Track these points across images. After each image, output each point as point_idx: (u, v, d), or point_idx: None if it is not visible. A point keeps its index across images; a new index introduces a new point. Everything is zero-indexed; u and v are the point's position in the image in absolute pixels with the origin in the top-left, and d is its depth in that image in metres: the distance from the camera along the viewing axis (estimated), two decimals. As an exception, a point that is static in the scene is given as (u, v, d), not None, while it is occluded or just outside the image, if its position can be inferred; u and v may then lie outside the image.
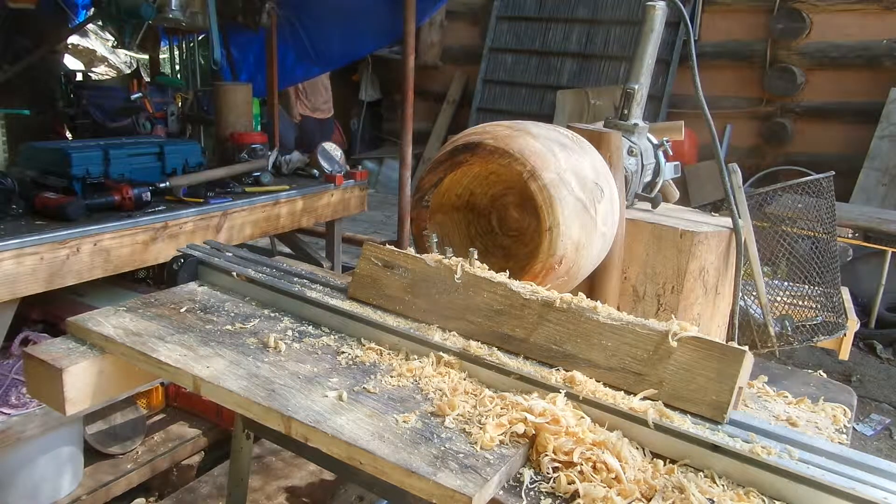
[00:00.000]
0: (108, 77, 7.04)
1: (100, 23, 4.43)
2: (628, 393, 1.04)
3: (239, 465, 1.61)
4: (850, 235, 4.04)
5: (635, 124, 1.73)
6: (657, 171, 1.79)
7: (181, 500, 2.51)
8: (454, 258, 1.27)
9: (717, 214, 1.87)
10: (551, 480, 0.90)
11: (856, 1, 5.95)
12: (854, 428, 2.23)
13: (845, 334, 2.90)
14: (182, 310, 1.34)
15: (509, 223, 1.52)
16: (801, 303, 2.86)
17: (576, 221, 1.27)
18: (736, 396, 0.99)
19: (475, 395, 1.06)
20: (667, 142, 1.80)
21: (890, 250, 4.24)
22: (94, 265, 2.25)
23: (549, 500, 0.88)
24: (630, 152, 1.68)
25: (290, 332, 1.27)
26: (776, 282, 2.86)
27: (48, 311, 2.58)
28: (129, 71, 7.29)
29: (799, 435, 0.99)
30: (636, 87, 1.73)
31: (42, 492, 2.25)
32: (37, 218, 2.24)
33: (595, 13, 7.03)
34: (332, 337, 1.26)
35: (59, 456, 2.28)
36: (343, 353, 1.20)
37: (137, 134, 3.28)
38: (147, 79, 4.13)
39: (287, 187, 3.07)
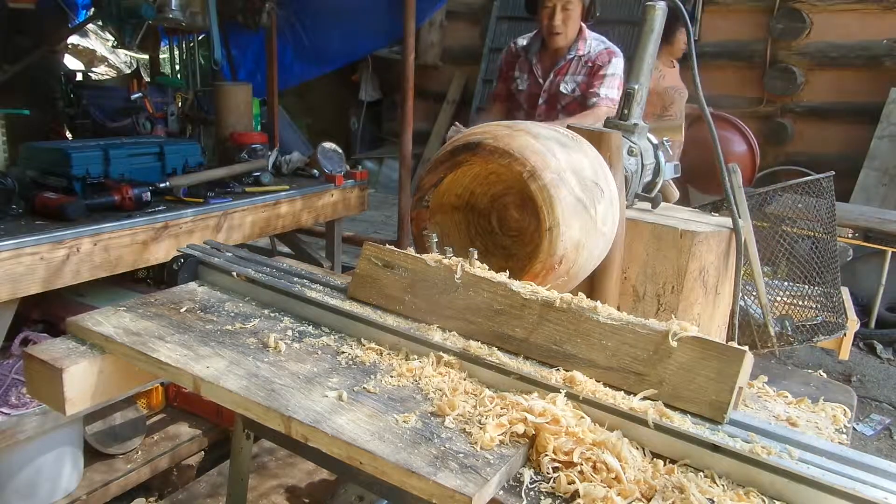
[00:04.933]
0: (108, 77, 7.03)
1: (100, 23, 4.43)
2: (628, 393, 1.04)
3: (239, 465, 1.61)
4: (850, 235, 4.04)
5: (635, 124, 1.73)
6: (657, 171, 1.78)
7: (181, 500, 2.51)
8: (454, 258, 1.27)
9: (717, 214, 1.87)
10: (551, 480, 0.90)
11: (856, 1, 5.95)
12: (854, 428, 2.23)
13: (845, 334, 2.91)
14: (182, 310, 1.34)
15: (509, 223, 1.52)
16: (801, 303, 2.86)
17: (576, 221, 1.27)
18: (736, 396, 0.99)
19: (475, 395, 1.06)
20: (667, 142, 1.80)
21: (890, 250, 4.24)
22: (94, 265, 2.25)
23: (549, 500, 0.88)
24: (630, 152, 1.68)
25: (290, 332, 1.27)
26: (776, 282, 2.86)
27: (48, 311, 2.58)
28: (129, 71, 7.29)
29: (799, 435, 0.99)
30: (636, 87, 1.73)
31: (42, 492, 2.25)
32: (37, 218, 2.24)
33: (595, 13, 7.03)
34: (332, 337, 1.26)
35: (59, 456, 2.28)
36: (343, 353, 1.20)
37: (137, 134, 3.28)
38: (147, 79, 4.13)
39: (287, 187, 3.07)
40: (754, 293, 2.62)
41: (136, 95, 3.38)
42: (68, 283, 2.19)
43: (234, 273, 1.44)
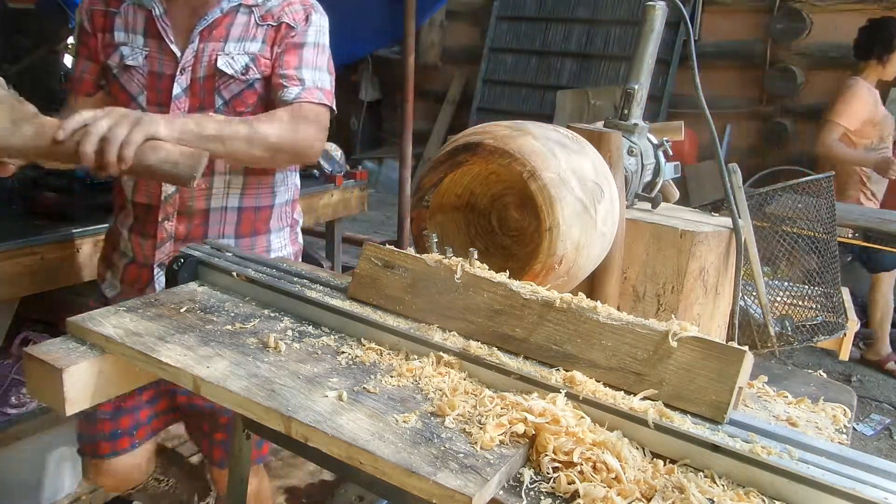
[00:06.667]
0: (108, 77, 7.02)
1: (100, 23, 4.42)
2: (628, 393, 1.04)
3: (239, 465, 1.61)
4: (850, 235, 4.03)
5: (635, 124, 1.73)
6: (657, 171, 1.78)
7: (181, 501, 2.50)
8: (454, 258, 1.27)
9: (717, 214, 1.87)
10: (551, 480, 0.90)
11: (856, 1, 5.95)
12: (854, 428, 2.23)
13: (845, 334, 2.90)
14: (182, 310, 1.34)
15: (509, 223, 1.52)
16: (801, 303, 2.85)
17: (576, 221, 1.27)
18: (736, 396, 0.99)
19: (475, 395, 1.06)
20: (667, 142, 1.80)
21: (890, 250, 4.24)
22: (94, 265, 2.25)
23: (549, 500, 0.88)
24: (630, 152, 1.68)
25: (290, 332, 1.27)
26: (776, 282, 2.86)
27: (48, 311, 2.58)
28: (129, 71, 7.27)
29: (799, 435, 0.99)
30: (636, 87, 1.73)
31: (42, 492, 2.26)
32: (37, 218, 2.24)
33: (595, 13, 7.03)
34: (332, 337, 1.26)
35: (59, 456, 2.29)
36: (343, 353, 1.20)
37: (137, 134, 3.27)
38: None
39: (287, 187, 3.06)
40: (754, 293, 2.61)
41: (136, 95, 3.37)
42: (69, 283, 2.19)
43: (234, 273, 1.44)
